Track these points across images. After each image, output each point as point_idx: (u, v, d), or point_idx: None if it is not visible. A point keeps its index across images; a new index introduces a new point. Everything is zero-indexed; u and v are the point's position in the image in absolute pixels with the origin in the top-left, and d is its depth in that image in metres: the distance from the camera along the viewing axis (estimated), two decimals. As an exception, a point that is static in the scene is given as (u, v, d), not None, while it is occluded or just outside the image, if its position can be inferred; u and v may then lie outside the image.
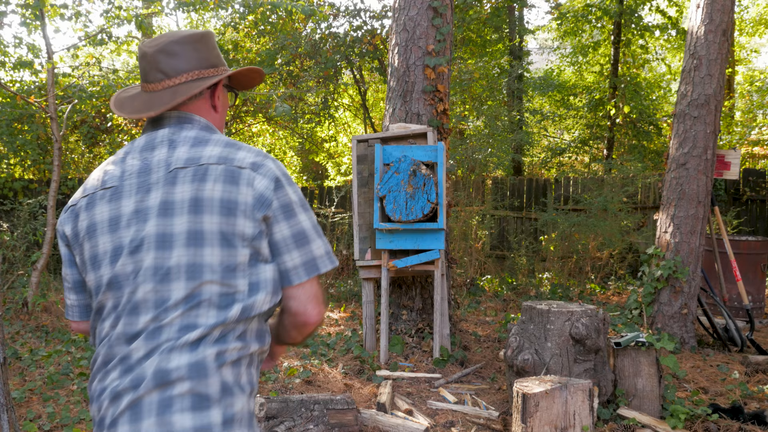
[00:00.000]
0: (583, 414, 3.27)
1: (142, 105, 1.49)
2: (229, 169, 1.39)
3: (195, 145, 1.43)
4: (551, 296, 7.54)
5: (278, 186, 1.41)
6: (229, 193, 1.37)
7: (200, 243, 1.35)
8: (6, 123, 8.67)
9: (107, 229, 1.40)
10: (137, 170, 1.43)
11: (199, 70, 1.51)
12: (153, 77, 1.50)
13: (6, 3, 6.93)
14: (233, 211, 1.36)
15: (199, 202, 1.36)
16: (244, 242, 1.37)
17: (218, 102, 1.58)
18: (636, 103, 12.84)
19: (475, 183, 9.95)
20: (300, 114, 11.33)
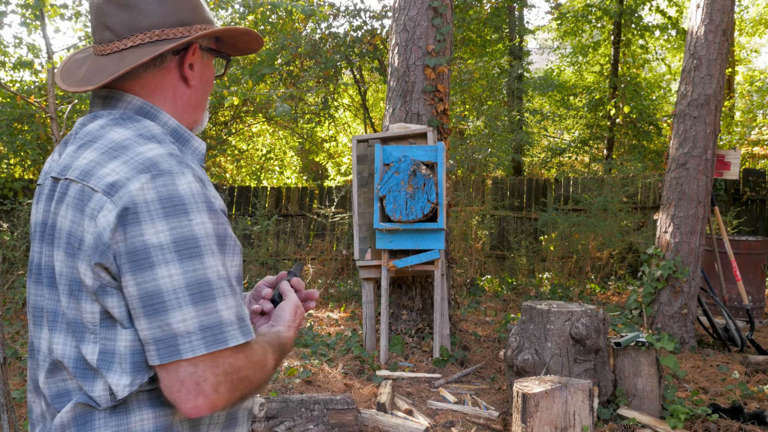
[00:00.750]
0: (583, 414, 3.27)
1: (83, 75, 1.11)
2: (83, 191, 1.00)
3: (81, 146, 1.06)
4: (551, 296, 7.54)
5: (130, 219, 0.95)
6: (76, 225, 1.00)
7: (52, 284, 1.05)
8: (6, 123, 8.67)
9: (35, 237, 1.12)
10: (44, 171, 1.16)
11: (162, 29, 1.10)
12: (100, 36, 1.11)
13: (6, 3, 6.94)
14: (76, 251, 1.00)
15: (52, 231, 1.05)
16: (89, 294, 1.00)
17: (191, 72, 1.15)
18: (636, 103, 12.84)
19: (475, 183, 9.95)
20: (300, 114, 11.33)
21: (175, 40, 1.10)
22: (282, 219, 9.92)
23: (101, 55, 1.12)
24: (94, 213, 0.98)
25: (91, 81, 1.08)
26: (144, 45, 1.09)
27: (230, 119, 10.98)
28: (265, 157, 13.08)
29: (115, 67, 1.07)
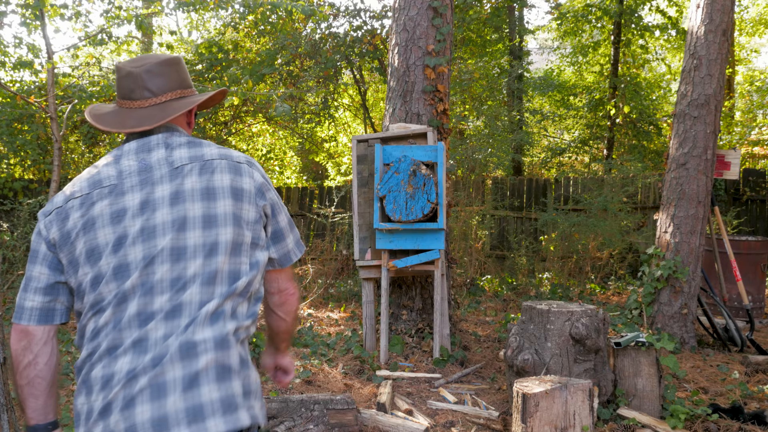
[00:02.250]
0: (583, 414, 3.27)
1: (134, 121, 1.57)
2: (231, 163, 1.57)
3: (191, 146, 1.58)
4: (551, 296, 7.54)
5: (270, 183, 1.64)
6: (236, 182, 1.54)
7: (215, 225, 1.48)
8: (6, 123, 8.67)
9: (109, 222, 1.47)
10: (136, 169, 1.52)
11: (181, 90, 1.66)
12: (139, 95, 1.60)
13: (6, 3, 6.94)
14: (240, 196, 1.54)
15: (212, 190, 1.51)
16: (248, 226, 1.53)
17: (192, 119, 1.74)
18: (636, 103, 12.83)
19: (475, 183, 9.95)
20: (300, 114, 11.33)
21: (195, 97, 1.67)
22: (282, 219, 9.91)
23: (141, 108, 1.60)
24: (250, 174, 1.59)
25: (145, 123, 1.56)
26: (173, 100, 1.63)
27: (230, 119, 10.98)
28: (265, 157, 13.08)
29: (161, 113, 1.58)
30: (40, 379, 1.54)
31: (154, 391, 1.34)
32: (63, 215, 1.51)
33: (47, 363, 1.54)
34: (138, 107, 1.60)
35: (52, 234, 1.51)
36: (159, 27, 11.76)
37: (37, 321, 1.52)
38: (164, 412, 1.33)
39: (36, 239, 1.54)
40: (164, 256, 1.44)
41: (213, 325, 1.41)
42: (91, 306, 1.46)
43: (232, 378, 1.41)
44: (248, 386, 1.44)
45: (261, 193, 1.58)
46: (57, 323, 1.56)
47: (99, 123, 1.59)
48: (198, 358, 1.37)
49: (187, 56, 10.40)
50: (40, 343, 1.53)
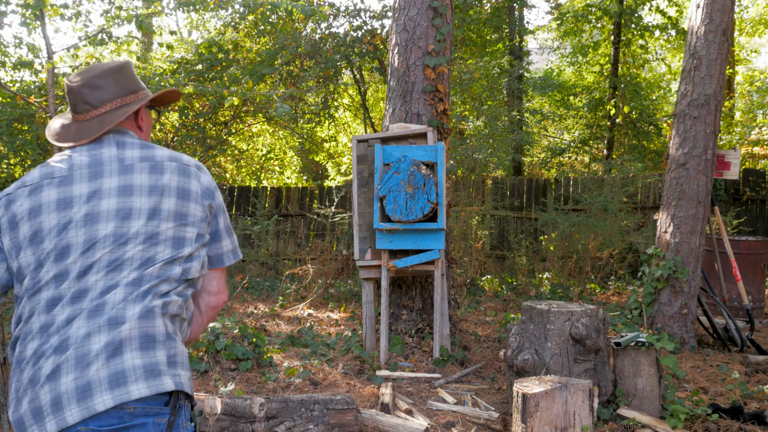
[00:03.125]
0: (583, 414, 3.27)
1: (74, 134, 1.69)
2: (180, 166, 1.68)
3: (143, 147, 1.68)
4: (551, 296, 7.54)
5: (216, 188, 1.75)
6: (183, 183, 1.65)
7: (158, 218, 1.58)
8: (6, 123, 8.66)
9: (55, 209, 1.56)
10: (87, 163, 1.62)
11: (121, 98, 1.72)
12: (81, 108, 1.70)
13: (6, 3, 6.93)
14: (187, 197, 1.65)
15: (159, 188, 1.61)
16: (193, 224, 1.64)
17: (142, 122, 1.80)
18: (636, 103, 12.83)
19: (475, 183, 9.95)
20: (300, 114, 11.33)
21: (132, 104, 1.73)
22: (282, 219, 9.92)
23: (83, 121, 1.69)
24: (197, 177, 1.69)
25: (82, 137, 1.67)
26: (113, 110, 1.70)
27: (230, 119, 10.98)
28: (265, 157, 13.08)
29: (98, 126, 1.67)
30: None
31: (78, 360, 1.41)
32: (11, 201, 1.60)
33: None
34: (81, 120, 1.70)
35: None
36: (159, 27, 11.76)
37: None
38: (87, 379, 1.39)
39: None
40: (106, 242, 1.53)
41: (143, 300, 1.49)
42: (30, 288, 1.52)
43: (156, 347, 1.47)
44: (173, 357, 1.50)
45: (207, 195, 1.69)
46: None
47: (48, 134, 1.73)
48: (122, 326, 1.45)
49: (187, 56, 10.40)
50: None
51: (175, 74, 9.37)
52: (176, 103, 9.97)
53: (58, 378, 1.40)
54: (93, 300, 1.48)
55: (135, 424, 1.41)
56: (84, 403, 1.38)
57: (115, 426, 1.40)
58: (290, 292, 7.77)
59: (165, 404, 1.46)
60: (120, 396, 1.39)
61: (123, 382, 1.40)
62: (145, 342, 1.46)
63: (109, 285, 1.50)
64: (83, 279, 1.50)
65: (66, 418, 1.38)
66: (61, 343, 1.43)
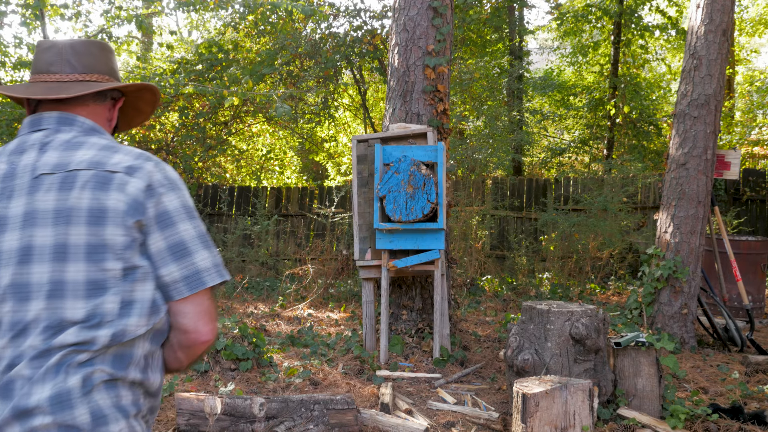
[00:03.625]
0: (583, 414, 3.27)
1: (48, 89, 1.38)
2: (100, 174, 1.28)
3: (67, 149, 1.32)
4: (551, 296, 7.54)
5: (155, 191, 1.29)
6: (97, 201, 1.25)
7: (64, 258, 1.23)
8: (6, 123, 8.66)
9: None
10: (2, 175, 1.31)
11: (110, 77, 1.49)
12: (60, 68, 1.42)
13: (6, 3, 6.93)
14: (101, 220, 1.25)
15: (64, 213, 1.25)
16: (115, 255, 1.24)
17: (115, 116, 1.52)
18: (636, 103, 12.83)
19: (475, 183, 9.95)
20: (300, 114, 11.33)
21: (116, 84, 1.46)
22: (282, 219, 9.92)
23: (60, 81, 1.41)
24: (122, 186, 1.27)
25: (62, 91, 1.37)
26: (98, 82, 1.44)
27: (230, 119, 10.98)
28: (265, 157, 13.08)
29: (82, 87, 1.39)
30: None
31: None
32: None
33: None
34: (57, 81, 1.41)
35: None
36: (159, 27, 11.77)
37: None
38: None
39: None
40: (6, 296, 1.23)
41: (53, 380, 1.17)
42: None
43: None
44: None
45: (134, 209, 1.27)
46: None
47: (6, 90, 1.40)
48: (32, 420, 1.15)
49: (187, 56, 10.40)
50: None
51: (175, 74, 9.37)
52: (176, 103, 9.97)
53: None
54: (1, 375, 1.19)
55: None
56: None
57: None
58: (290, 292, 7.77)
59: None
60: None
61: None
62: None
63: (15, 355, 1.19)
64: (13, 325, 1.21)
65: None
66: None
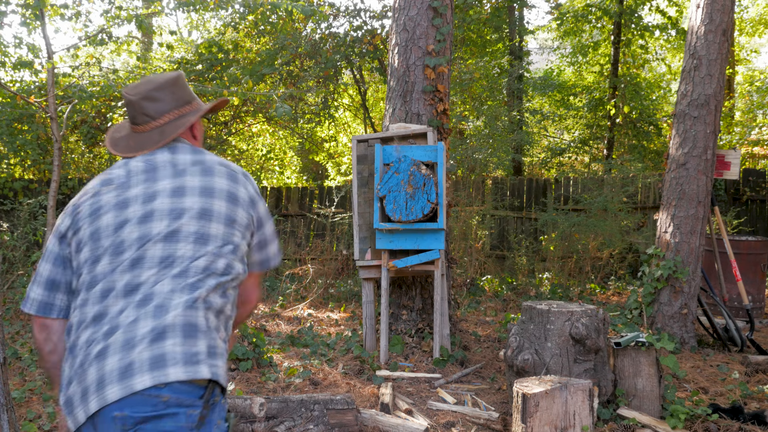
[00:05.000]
0: (583, 414, 3.27)
1: (135, 144, 1.79)
2: (230, 172, 1.77)
3: (194, 153, 1.78)
4: (551, 296, 7.54)
5: (260, 196, 1.84)
6: (232, 188, 1.74)
7: (209, 219, 1.66)
8: (6, 123, 8.66)
9: (113, 208, 1.65)
10: (143, 168, 1.73)
11: (178, 109, 1.83)
12: (141, 120, 1.80)
13: (6, 3, 6.93)
14: (236, 202, 1.73)
15: (210, 190, 1.70)
16: (240, 228, 1.72)
17: (197, 131, 1.91)
18: (636, 103, 12.82)
19: (475, 183, 9.95)
20: (300, 114, 11.33)
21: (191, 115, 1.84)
22: (282, 219, 9.92)
23: (143, 132, 1.80)
24: (245, 184, 1.79)
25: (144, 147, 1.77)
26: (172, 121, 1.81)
27: (230, 119, 10.98)
28: (265, 157, 13.07)
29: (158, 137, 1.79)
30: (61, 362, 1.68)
31: (125, 343, 1.47)
32: (74, 207, 1.71)
33: None
34: (141, 131, 1.81)
35: (63, 225, 1.70)
36: (159, 27, 11.76)
37: (36, 311, 1.70)
38: (130, 360, 1.45)
39: (51, 236, 1.73)
40: (158, 238, 1.61)
41: (189, 293, 1.56)
42: (86, 281, 1.60)
43: (197, 337, 1.53)
44: (213, 348, 1.56)
45: (252, 204, 1.78)
46: (55, 317, 1.70)
47: (114, 149, 1.81)
48: (167, 314, 1.51)
49: (187, 56, 10.40)
50: (57, 333, 1.70)
51: (175, 74, 9.35)
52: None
53: (104, 359, 1.47)
54: (144, 292, 1.55)
55: (167, 413, 1.44)
56: (124, 382, 1.43)
57: (149, 413, 1.43)
58: (290, 292, 7.77)
59: (199, 398, 1.49)
60: (158, 377, 1.44)
61: (162, 365, 1.45)
62: (188, 330, 1.52)
63: (159, 279, 1.57)
64: (136, 273, 1.57)
65: (107, 395, 1.43)
66: (111, 329, 1.50)
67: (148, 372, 1.44)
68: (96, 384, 1.45)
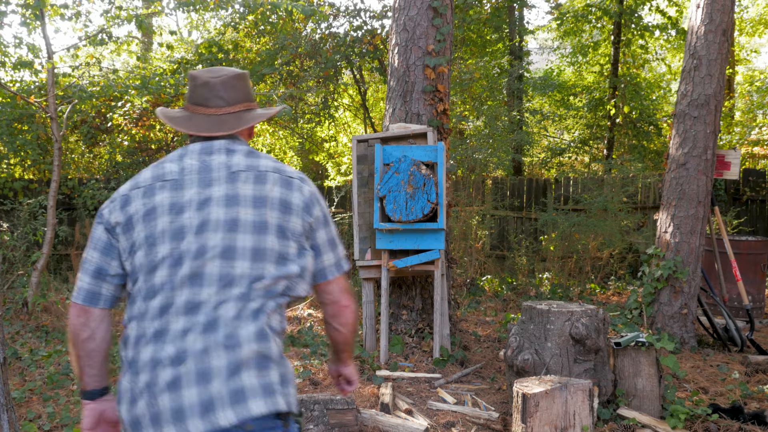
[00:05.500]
0: (583, 414, 3.27)
1: (210, 125, 1.74)
2: (283, 177, 1.70)
3: (249, 156, 1.72)
4: (551, 296, 7.54)
5: (317, 199, 1.76)
6: (285, 195, 1.68)
7: (264, 231, 1.61)
8: (6, 123, 8.65)
9: (167, 212, 1.60)
10: (197, 168, 1.67)
11: (248, 103, 1.81)
12: (215, 103, 1.76)
13: (6, 3, 6.93)
14: (288, 209, 1.67)
15: (263, 199, 1.64)
16: (294, 237, 1.67)
17: (253, 131, 1.91)
18: (636, 103, 12.82)
19: (475, 183, 9.95)
20: (300, 114, 11.33)
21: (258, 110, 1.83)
22: (282, 219, 9.91)
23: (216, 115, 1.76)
24: (300, 189, 1.71)
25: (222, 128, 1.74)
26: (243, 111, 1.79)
27: (230, 119, 10.96)
28: (265, 157, 13.04)
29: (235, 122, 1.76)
30: (97, 352, 1.70)
31: (200, 375, 1.47)
32: (126, 201, 1.65)
33: (104, 338, 1.70)
34: (212, 114, 1.76)
35: (114, 218, 1.64)
36: (159, 27, 11.76)
37: (83, 300, 1.66)
38: (210, 395, 1.46)
39: (96, 224, 1.68)
40: (215, 252, 1.57)
41: (255, 320, 1.55)
42: (144, 291, 1.57)
43: (270, 367, 1.54)
44: (285, 375, 1.58)
45: (308, 209, 1.71)
46: (101, 307, 1.68)
47: (175, 125, 1.76)
48: (241, 348, 1.50)
49: (187, 56, 10.40)
50: (97, 320, 1.68)
51: (175, 74, 9.37)
52: (176, 103, 9.97)
53: (178, 389, 1.46)
54: (207, 314, 1.52)
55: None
56: (207, 417, 1.44)
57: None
58: (290, 292, 7.76)
59: (276, 417, 1.53)
60: (241, 413, 1.46)
61: (243, 399, 1.47)
62: (262, 362, 1.53)
63: (221, 300, 1.54)
64: (195, 290, 1.54)
65: (189, 429, 1.45)
66: (179, 354, 1.49)
67: (230, 407, 1.46)
68: (172, 414, 1.46)
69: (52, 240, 6.85)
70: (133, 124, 9.93)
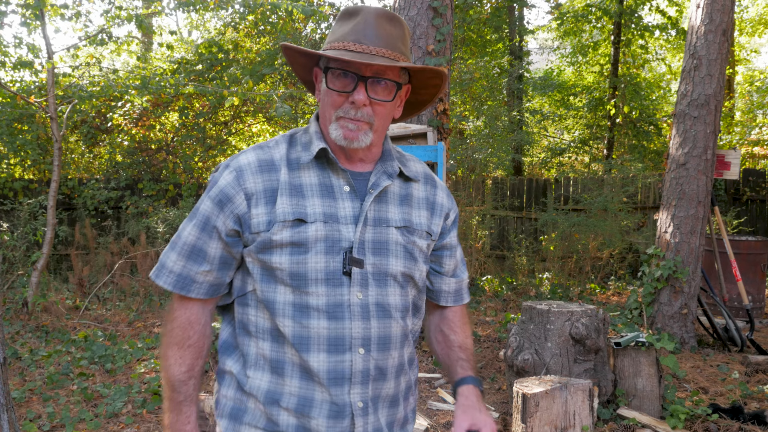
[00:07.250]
0: (583, 414, 3.27)
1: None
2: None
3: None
4: (551, 296, 7.54)
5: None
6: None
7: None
8: (6, 123, 8.66)
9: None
10: None
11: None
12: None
13: (6, 3, 6.93)
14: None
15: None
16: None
17: None
18: (636, 103, 12.82)
19: (475, 183, 9.95)
20: (300, 114, 11.33)
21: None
22: (282, 219, 9.91)
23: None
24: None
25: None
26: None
27: (230, 119, 10.98)
28: (265, 157, 13.05)
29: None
30: None
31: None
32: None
33: None
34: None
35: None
36: (159, 27, 11.76)
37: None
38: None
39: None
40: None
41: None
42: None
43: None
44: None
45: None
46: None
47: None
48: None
49: (187, 56, 10.40)
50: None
51: (175, 74, 9.38)
52: (176, 103, 9.97)
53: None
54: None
55: None
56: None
57: None
58: (290, 292, 7.76)
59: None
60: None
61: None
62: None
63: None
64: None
65: None
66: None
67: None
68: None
69: (52, 240, 6.85)
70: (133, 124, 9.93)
